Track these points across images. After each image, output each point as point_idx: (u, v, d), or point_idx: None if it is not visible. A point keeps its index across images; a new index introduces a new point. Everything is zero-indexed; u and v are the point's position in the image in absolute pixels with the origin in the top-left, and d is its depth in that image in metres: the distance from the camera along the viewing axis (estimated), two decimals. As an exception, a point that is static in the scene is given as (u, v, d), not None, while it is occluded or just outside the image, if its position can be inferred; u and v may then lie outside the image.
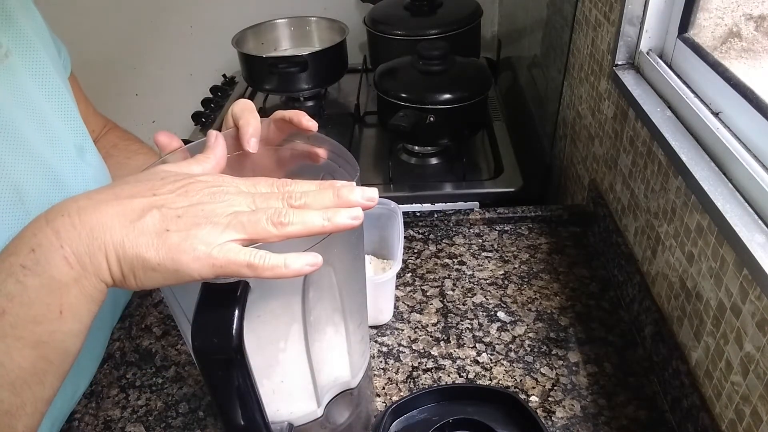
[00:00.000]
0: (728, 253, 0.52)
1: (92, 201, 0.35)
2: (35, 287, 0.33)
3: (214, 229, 0.34)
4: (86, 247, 0.34)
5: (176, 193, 0.36)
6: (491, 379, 0.67)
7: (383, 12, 1.36)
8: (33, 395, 0.35)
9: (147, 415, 0.65)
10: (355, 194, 0.37)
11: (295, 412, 0.50)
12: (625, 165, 0.77)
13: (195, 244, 0.33)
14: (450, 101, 1.03)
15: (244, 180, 0.38)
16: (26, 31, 0.59)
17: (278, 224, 0.34)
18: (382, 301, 0.72)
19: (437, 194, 1.05)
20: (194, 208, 0.35)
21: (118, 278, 0.35)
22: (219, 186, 0.37)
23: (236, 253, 0.34)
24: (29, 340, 0.34)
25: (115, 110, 1.94)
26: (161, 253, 0.33)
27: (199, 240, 0.34)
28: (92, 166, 0.64)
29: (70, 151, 0.60)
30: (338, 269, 0.44)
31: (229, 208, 0.35)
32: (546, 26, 1.17)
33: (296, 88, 1.34)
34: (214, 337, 0.36)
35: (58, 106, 0.61)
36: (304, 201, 0.36)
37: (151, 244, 0.34)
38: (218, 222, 0.34)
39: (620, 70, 0.76)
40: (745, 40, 0.65)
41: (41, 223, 0.35)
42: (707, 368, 0.56)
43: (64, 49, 0.69)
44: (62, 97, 0.61)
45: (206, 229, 0.34)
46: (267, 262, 0.34)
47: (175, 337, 0.75)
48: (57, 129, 0.60)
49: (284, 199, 0.37)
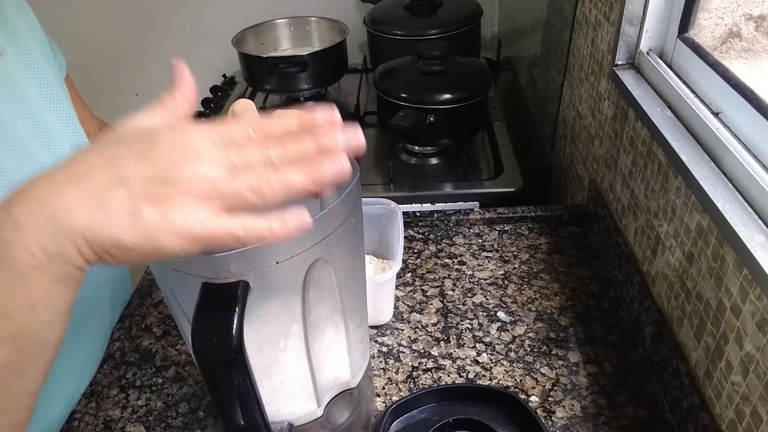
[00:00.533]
0: (728, 253, 0.52)
1: (50, 183, 0.32)
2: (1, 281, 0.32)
3: (190, 201, 0.31)
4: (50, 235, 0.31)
5: (139, 161, 0.32)
6: (491, 379, 0.67)
7: (383, 12, 1.36)
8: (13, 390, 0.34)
9: (147, 415, 0.65)
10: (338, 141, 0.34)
11: (295, 412, 0.50)
12: (625, 165, 0.77)
13: (172, 220, 0.31)
14: (450, 101, 1.03)
15: (215, 128, 0.34)
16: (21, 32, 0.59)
17: (260, 193, 0.32)
18: (382, 301, 0.72)
19: (437, 194, 1.05)
20: (164, 176, 0.32)
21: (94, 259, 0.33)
22: (185, 142, 0.33)
23: (217, 224, 0.32)
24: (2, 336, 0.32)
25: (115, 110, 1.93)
26: (137, 235, 0.31)
27: (176, 215, 0.31)
28: None
29: (66, 150, 0.60)
30: (338, 269, 0.44)
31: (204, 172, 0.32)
32: (546, 26, 1.17)
33: (296, 88, 1.34)
34: (214, 337, 0.36)
35: (54, 106, 0.61)
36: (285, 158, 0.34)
37: (125, 226, 0.31)
38: (193, 192, 0.31)
39: (620, 70, 0.76)
40: (745, 40, 0.65)
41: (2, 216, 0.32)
42: (707, 368, 0.56)
43: (59, 51, 0.69)
44: (58, 97, 0.62)
45: (181, 203, 0.31)
46: (251, 230, 0.32)
47: (175, 337, 0.75)
48: (53, 128, 0.60)
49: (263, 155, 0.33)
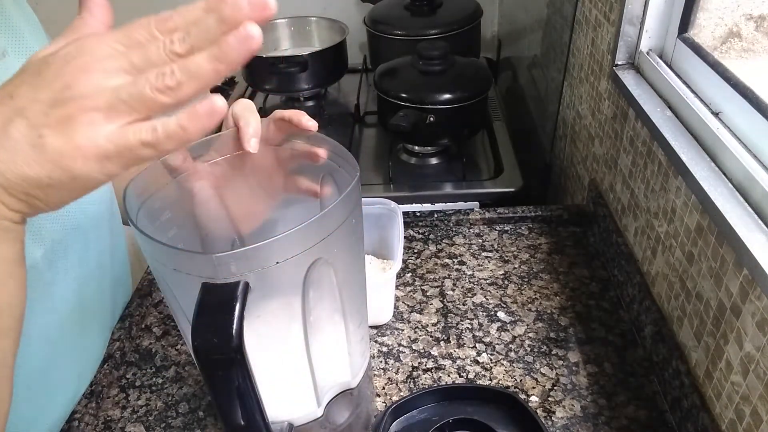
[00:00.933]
0: (728, 253, 0.52)
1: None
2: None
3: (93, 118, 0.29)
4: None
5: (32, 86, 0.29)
6: (491, 379, 0.67)
7: (383, 12, 1.36)
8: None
9: (147, 415, 0.65)
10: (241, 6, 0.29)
11: (295, 412, 0.50)
12: (625, 165, 0.77)
13: (77, 141, 0.28)
14: (450, 101, 1.03)
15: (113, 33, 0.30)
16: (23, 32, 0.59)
17: (165, 89, 0.29)
18: (382, 301, 0.72)
19: (437, 194, 1.05)
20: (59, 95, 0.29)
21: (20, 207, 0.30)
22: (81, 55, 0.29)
23: (124, 136, 0.29)
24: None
25: (115, 110, 1.94)
26: (46, 167, 0.29)
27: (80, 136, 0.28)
28: None
29: None
30: (338, 269, 0.44)
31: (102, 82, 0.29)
32: (546, 26, 1.17)
33: (296, 88, 1.34)
34: (214, 337, 0.36)
35: None
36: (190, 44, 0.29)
37: (31, 159, 0.29)
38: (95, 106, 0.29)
39: (620, 70, 0.76)
40: (745, 40, 0.65)
41: None
42: (707, 368, 0.56)
43: None
44: None
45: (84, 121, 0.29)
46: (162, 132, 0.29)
47: (175, 337, 0.75)
48: None
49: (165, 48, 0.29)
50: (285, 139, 0.49)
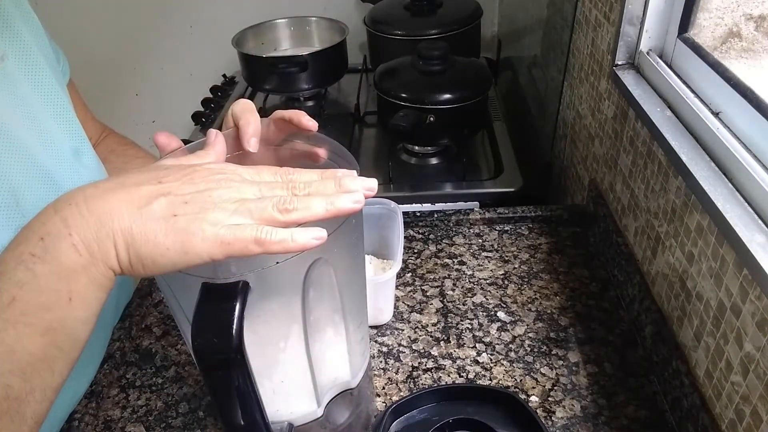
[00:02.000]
0: (728, 253, 0.52)
1: (99, 189, 0.36)
2: (45, 274, 0.34)
3: (222, 213, 0.35)
4: (94, 234, 0.34)
5: (182, 181, 0.36)
6: (491, 379, 0.67)
7: (383, 12, 1.36)
8: (42, 382, 0.35)
9: (147, 415, 0.65)
10: (356, 183, 0.38)
11: (295, 412, 0.50)
12: (625, 165, 0.77)
13: (203, 225, 0.34)
14: (450, 101, 1.03)
15: (247, 168, 0.39)
16: (23, 36, 0.59)
17: (284, 210, 0.35)
18: (382, 301, 0.72)
19: (437, 194, 1.05)
20: (201, 194, 0.36)
21: (126, 265, 0.35)
22: (223, 173, 0.38)
23: (243, 230, 0.34)
24: (39, 326, 0.34)
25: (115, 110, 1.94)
26: (170, 237, 0.34)
27: (207, 221, 0.34)
28: (89, 168, 0.63)
29: (67, 153, 0.60)
30: (338, 269, 0.44)
31: (236, 194, 0.36)
32: (546, 26, 1.17)
33: (296, 88, 1.34)
34: (214, 337, 0.36)
35: (55, 109, 0.61)
36: (308, 191, 0.37)
37: (160, 229, 0.34)
38: (225, 207, 0.35)
39: (620, 70, 0.76)
40: (745, 40, 0.65)
41: (49, 213, 0.35)
42: (707, 368, 0.56)
43: (63, 56, 0.69)
44: (59, 101, 0.61)
45: (214, 213, 0.35)
46: (274, 236, 0.35)
47: (175, 337, 0.75)
48: (53, 132, 0.60)
49: (288, 188, 0.37)
50: (285, 139, 0.49)
